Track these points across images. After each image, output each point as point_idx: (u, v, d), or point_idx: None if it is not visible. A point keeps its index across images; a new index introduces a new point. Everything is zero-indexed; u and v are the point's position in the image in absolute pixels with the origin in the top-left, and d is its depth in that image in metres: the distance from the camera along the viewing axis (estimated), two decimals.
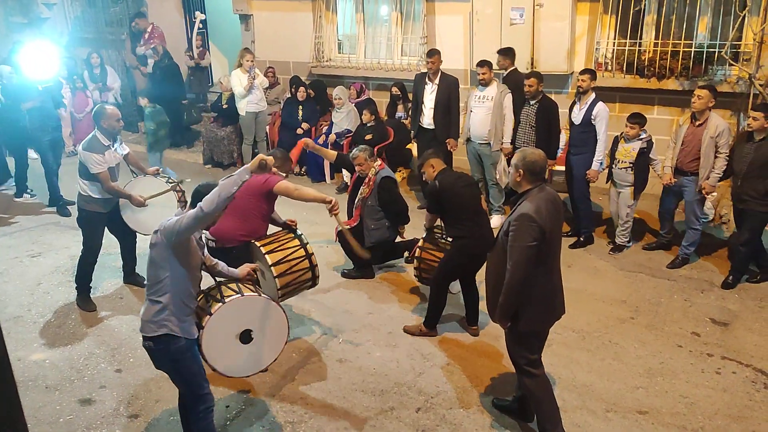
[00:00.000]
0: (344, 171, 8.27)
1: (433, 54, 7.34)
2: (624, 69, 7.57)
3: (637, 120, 6.19)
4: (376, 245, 5.91)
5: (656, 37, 7.42)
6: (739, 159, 5.69)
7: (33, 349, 5.09)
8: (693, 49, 7.15)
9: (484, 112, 7.07)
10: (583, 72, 6.52)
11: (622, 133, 6.35)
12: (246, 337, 3.84)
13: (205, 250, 3.86)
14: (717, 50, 7.00)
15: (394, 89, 8.69)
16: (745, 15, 6.72)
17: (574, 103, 6.63)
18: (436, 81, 7.35)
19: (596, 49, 7.66)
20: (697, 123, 5.91)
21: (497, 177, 7.22)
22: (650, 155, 6.25)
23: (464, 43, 8.41)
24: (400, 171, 8.59)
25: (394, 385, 4.59)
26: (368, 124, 8.34)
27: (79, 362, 4.91)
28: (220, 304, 3.71)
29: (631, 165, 6.23)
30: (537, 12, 7.50)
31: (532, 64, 7.66)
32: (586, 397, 4.43)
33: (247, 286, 4.00)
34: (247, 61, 8.63)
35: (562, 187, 7.30)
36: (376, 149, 8.06)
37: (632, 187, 6.31)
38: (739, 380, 4.59)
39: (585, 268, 6.36)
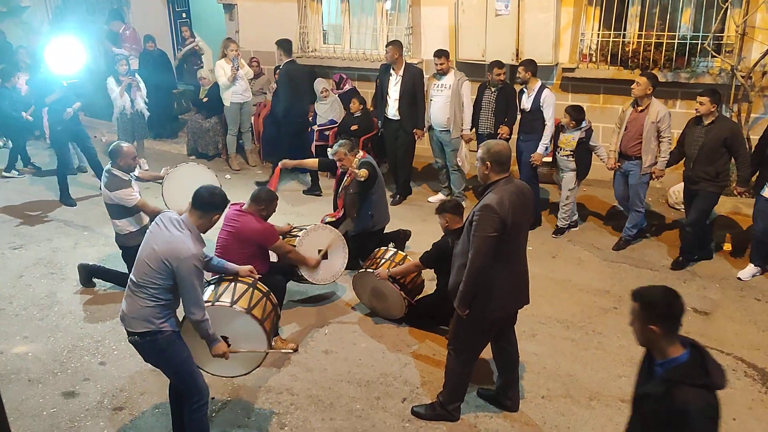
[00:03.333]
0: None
1: (389, 45, 7.39)
2: (608, 60, 7.61)
3: (577, 116, 6.37)
4: (360, 235, 5.91)
5: (640, 29, 7.45)
6: (690, 143, 5.85)
7: (15, 342, 5.04)
8: (676, 41, 7.20)
9: (442, 101, 7.24)
10: (520, 64, 6.77)
11: (561, 122, 6.54)
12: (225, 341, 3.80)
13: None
14: (700, 42, 7.06)
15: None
16: (727, 7, 6.76)
17: (522, 92, 6.82)
18: (400, 72, 7.44)
19: (581, 40, 7.69)
20: (640, 108, 6.07)
21: (459, 163, 7.42)
22: (590, 143, 6.47)
23: (450, 34, 8.40)
24: (385, 162, 8.56)
25: (380, 375, 4.61)
26: (355, 114, 8.30)
27: (63, 355, 4.88)
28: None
29: (572, 153, 6.45)
30: (522, 3, 7.49)
31: (517, 55, 7.66)
32: (570, 385, 4.48)
33: (226, 295, 3.97)
34: (231, 51, 8.54)
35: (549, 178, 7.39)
36: (361, 141, 8.05)
37: (573, 172, 6.53)
38: None
39: (569, 258, 6.41)
